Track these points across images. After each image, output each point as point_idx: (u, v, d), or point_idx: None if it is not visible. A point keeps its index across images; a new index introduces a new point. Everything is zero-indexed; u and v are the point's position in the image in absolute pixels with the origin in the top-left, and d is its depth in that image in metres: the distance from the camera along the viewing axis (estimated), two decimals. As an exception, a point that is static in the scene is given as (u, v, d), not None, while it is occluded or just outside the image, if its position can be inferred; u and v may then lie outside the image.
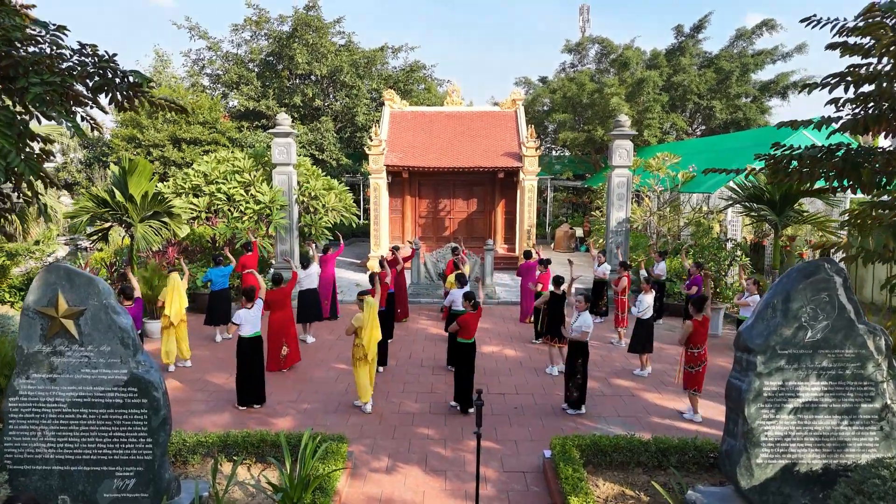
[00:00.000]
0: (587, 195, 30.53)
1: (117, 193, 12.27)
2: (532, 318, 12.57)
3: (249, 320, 8.30)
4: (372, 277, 9.87)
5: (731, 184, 13.66)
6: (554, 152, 34.76)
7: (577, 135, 27.85)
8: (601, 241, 16.23)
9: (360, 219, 19.44)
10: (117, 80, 5.15)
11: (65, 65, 5.10)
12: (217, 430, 7.31)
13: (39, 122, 5.53)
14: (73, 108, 5.58)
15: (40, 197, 6.37)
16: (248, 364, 8.27)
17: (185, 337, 10.10)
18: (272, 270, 15.15)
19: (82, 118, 6.10)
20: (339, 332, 12.30)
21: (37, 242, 20.68)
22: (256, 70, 27.47)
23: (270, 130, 14.75)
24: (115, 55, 5.04)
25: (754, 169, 8.56)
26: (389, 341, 11.60)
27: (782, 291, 5.45)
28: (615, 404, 8.70)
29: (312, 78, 26.73)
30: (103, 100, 5.56)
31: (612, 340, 11.80)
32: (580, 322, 8.15)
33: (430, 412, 8.28)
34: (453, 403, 8.42)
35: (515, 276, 13.66)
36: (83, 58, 5.07)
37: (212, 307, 11.65)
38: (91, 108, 5.74)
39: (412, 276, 15.61)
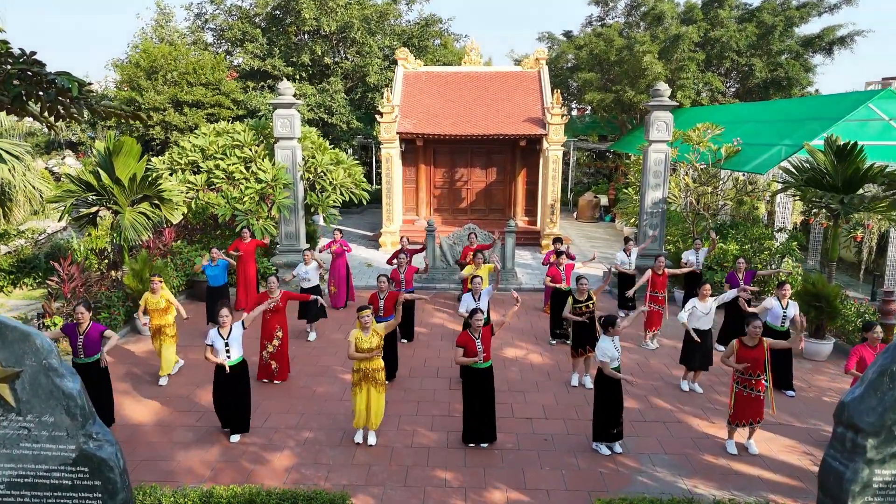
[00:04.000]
0: (612, 159, 28.84)
1: (103, 175, 11.16)
2: (548, 308, 11.54)
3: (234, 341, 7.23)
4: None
5: (786, 164, 12.21)
6: (575, 111, 32.77)
7: (604, 95, 25.95)
8: (632, 220, 14.86)
9: (371, 187, 18.07)
10: (44, 85, 3.92)
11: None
12: (201, 476, 6.39)
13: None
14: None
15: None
16: (229, 391, 7.19)
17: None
18: (276, 249, 14.09)
19: (34, 117, 4.96)
20: (347, 328, 11.27)
21: (35, 213, 19.66)
22: (262, 26, 25.78)
23: (272, 101, 13.41)
24: (33, 53, 3.81)
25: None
26: (405, 343, 10.63)
27: (904, 356, 4.25)
28: (659, 434, 7.62)
29: (321, 34, 25.00)
30: (34, 108, 4.37)
31: (645, 345, 10.65)
32: (600, 349, 6.95)
33: (447, 445, 7.25)
34: (471, 444, 7.30)
35: (542, 264, 12.43)
36: (-7, 56, 3.83)
37: (210, 306, 10.66)
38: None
39: (428, 259, 14.47)
